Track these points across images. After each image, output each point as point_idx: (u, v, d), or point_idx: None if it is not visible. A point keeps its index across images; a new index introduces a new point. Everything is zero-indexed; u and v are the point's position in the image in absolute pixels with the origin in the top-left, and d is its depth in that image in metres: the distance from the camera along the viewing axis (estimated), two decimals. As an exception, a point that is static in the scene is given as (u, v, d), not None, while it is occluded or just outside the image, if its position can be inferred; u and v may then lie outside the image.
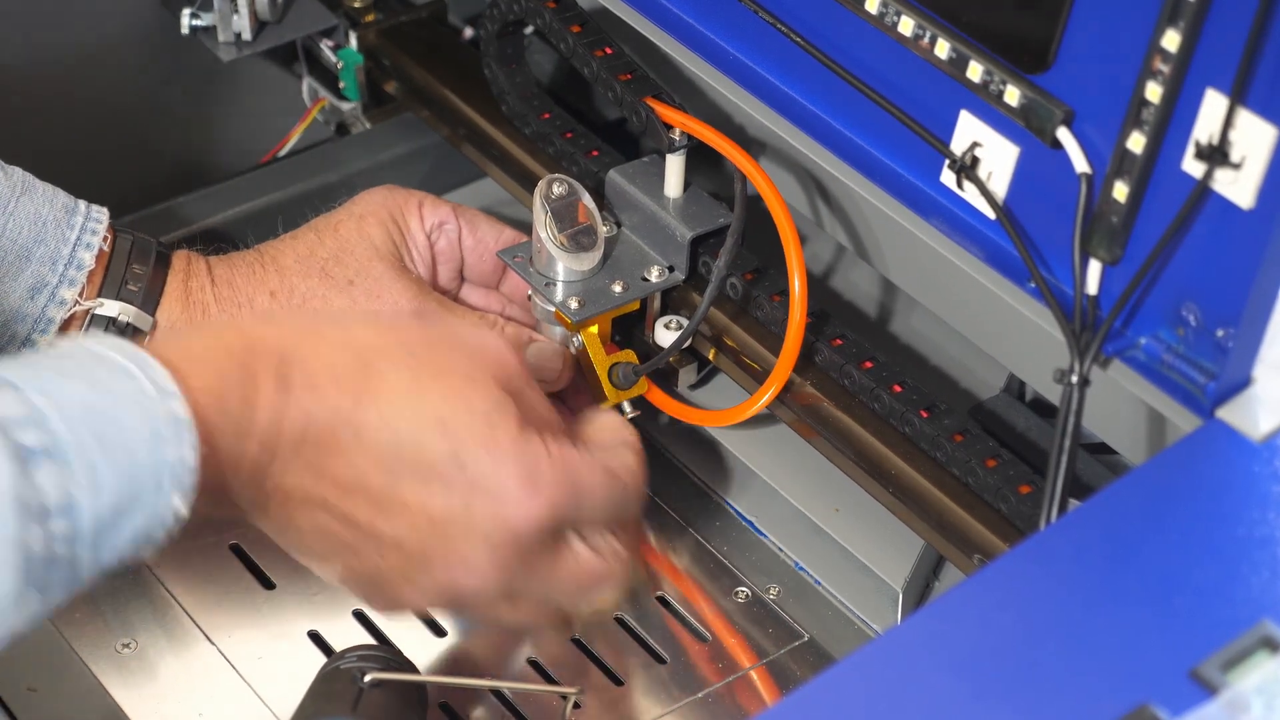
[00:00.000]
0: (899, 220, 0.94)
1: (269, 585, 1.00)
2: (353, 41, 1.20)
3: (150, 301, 0.98)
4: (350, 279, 1.01)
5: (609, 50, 1.04)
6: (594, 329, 1.02)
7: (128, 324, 0.96)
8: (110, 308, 0.96)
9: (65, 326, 0.96)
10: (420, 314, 0.98)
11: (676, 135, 1.00)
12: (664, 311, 1.05)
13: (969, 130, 0.91)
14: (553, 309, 1.01)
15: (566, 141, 1.09)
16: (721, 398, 1.07)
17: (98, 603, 0.97)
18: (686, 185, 1.03)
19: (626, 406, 1.04)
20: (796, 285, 0.96)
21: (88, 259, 0.95)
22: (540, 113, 1.10)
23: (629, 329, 1.06)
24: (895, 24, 0.91)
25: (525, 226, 1.02)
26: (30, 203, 0.95)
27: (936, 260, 0.92)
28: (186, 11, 1.19)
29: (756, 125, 1.01)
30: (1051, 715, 0.70)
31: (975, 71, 0.88)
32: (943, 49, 0.90)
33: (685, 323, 1.03)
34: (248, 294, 1.00)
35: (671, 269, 1.03)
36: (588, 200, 1.01)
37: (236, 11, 1.18)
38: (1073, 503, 0.81)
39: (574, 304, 1.01)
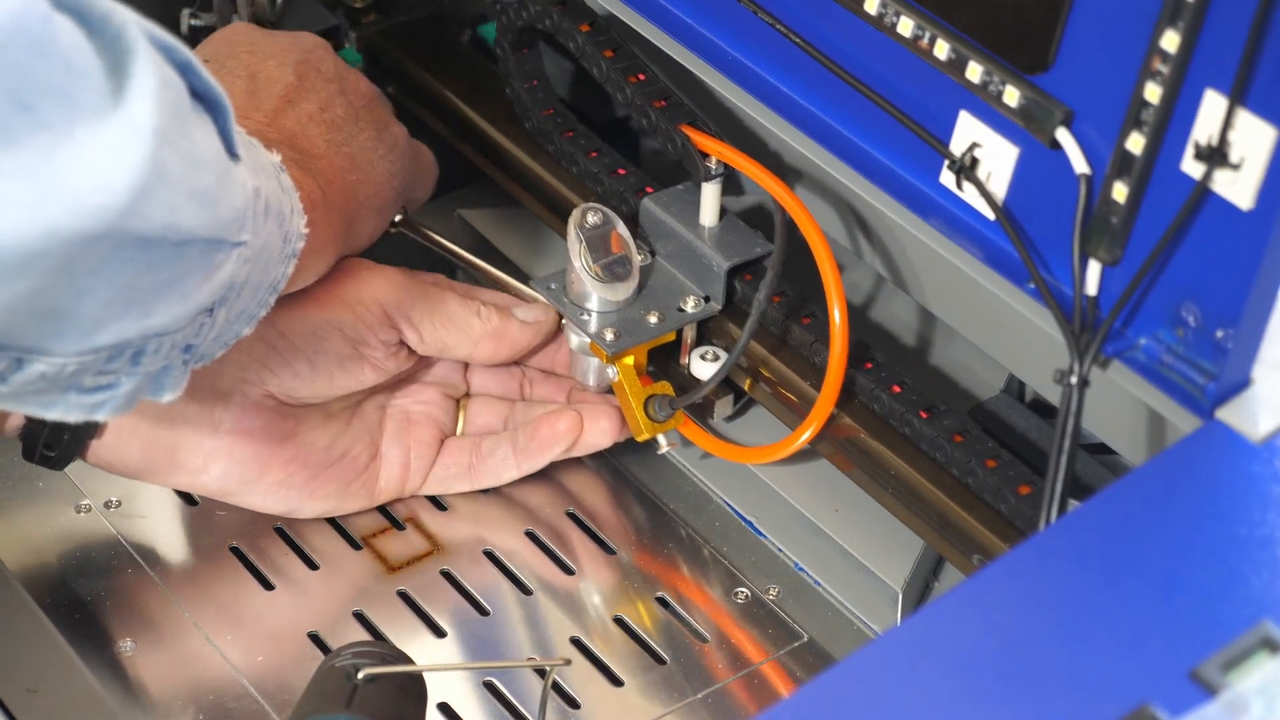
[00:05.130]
0: (898, 220, 0.94)
1: (269, 585, 1.00)
2: (352, 41, 1.20)
3: None
4: None
5: (643, 76, 1.03)
6: (629, 360, 1.00)
7: None
8: None
9: None
10: None
11: (713, 164, 0.99)
12: (699, 340, 1.02)
13: (968, 131, 0.91)
14: (588, 340, 1.00)
15: (591, 160, 1.07)
16: (752, 428, 1.06)
17: (98, 603, 0.98)
18: (722, 213, 1.01)
19: (662, 440, 1.02)
20: (837, 317, 0.94)
21: None
22: (564, 130, 1.08)
23: (663, 358, 1.03)
24: (894, 24, 0.91)
25: (527, 222, 1.02)
26: None
27: (936, 261, 0.92)
28: (186, 12, 1.19)
29: (755, 124, 1.00)
30: (1051, 715, 0.70)
31: (974, 72, 0.88)
32: (942, 49, 0.90)
33: (721, 353, 1.01)
34: None
35: (707, 299, 1.00)
36: (622, 229, 0.99)
37: (236, 12, 1.17)
38: (1072, 503, 0.81)
39: (609, 335, 0.99)
